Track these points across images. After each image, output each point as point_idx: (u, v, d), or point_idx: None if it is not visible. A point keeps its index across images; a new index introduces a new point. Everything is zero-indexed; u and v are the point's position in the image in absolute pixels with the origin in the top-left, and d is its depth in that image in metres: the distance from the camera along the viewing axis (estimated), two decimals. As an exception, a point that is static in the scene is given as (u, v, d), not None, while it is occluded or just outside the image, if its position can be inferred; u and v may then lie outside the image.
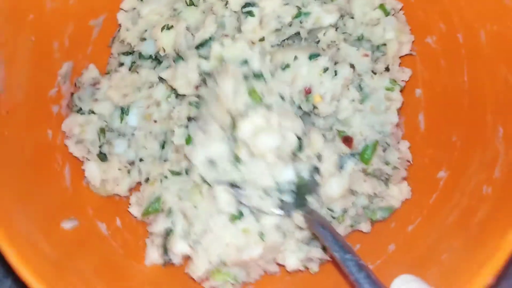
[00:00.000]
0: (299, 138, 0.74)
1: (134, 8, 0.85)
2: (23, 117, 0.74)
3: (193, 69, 0.80)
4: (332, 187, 0.76)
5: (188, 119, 0.81)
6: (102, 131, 0.81)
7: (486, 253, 0.57)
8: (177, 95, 0.83)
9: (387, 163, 0.79)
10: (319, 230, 0.68)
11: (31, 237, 0.66)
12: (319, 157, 0.75)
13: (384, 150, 0.80)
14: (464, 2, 0.76)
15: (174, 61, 0.83)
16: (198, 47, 0.83)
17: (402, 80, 0.85)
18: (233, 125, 0.74)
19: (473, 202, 0.68)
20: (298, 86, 0.77)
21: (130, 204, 0.81)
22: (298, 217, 0.73)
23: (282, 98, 0.76)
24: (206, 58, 0.82)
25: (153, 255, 0.77)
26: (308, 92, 0.77)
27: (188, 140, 0.80)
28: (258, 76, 0.76)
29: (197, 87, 0.82)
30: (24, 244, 0.63)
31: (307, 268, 0.80)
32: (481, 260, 0.57)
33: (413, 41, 0.85)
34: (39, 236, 0.68)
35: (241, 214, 0.75)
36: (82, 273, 0.69)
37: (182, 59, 0.82)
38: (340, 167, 0.78)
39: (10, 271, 0.62)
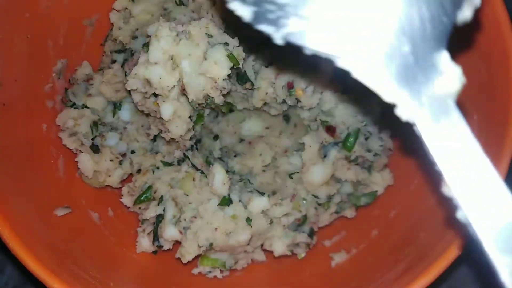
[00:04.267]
0: None
1: (126, 8, 0.88)
2: (19, 110, 0.77)
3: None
4: (316, 174, 0.79)
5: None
6: (95, 124, 0.83)
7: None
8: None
9: (369, 150, 0.82)
10: None
11: (29, 224, 0.68)
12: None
13: (366, 139, 0.82)
14: None
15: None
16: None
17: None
18: None
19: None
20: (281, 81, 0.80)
21: (122, 195, 0.83)
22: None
23: None
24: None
25: (144, 244, 0.79)
26: (290, 86, 0.80)
27: None
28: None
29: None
30: (23, 230, 0.65)
31: (294, 254, 0.82)
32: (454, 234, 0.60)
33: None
34: (36, 223, 0.70)
35: (230, 201, 0.77)
36: (77, 258, 0.71)
37: None
38: (324, 155, 0.80)
39: (10, 256, 0.64)
